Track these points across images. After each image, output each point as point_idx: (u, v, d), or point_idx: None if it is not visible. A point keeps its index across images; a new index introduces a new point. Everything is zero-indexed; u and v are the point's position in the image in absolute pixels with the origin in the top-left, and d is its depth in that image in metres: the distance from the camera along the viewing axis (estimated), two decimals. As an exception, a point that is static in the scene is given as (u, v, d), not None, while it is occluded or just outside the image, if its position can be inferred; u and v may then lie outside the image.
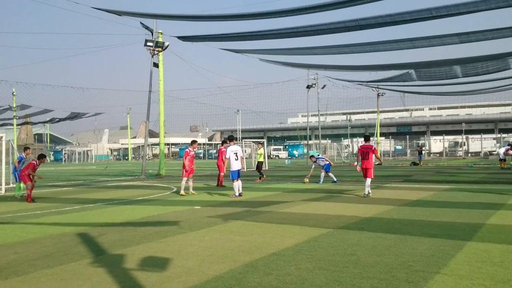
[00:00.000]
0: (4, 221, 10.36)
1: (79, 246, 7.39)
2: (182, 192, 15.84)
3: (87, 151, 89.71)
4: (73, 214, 11.37)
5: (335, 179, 20.27)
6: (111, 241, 7.67)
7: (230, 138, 15.89)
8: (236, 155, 14.76)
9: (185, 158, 16.06)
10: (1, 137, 18.43)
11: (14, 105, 53.43)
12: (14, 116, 54.74)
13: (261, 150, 24.68)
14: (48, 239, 7.94)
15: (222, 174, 18.94)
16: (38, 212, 11.74)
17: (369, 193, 14.16)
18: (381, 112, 69.55)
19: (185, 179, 16.10)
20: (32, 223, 9.95)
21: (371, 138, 15.02)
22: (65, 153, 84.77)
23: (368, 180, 14.16)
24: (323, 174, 20.51)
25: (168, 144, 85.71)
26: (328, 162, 20.99)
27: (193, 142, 16.73)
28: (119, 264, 6.13)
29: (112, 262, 6.23)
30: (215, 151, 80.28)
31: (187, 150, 16.38)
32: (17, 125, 65.04)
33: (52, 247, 7.31)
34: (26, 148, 17.81)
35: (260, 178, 22.47)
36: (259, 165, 23.84)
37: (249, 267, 5.82)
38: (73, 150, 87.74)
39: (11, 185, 19.51)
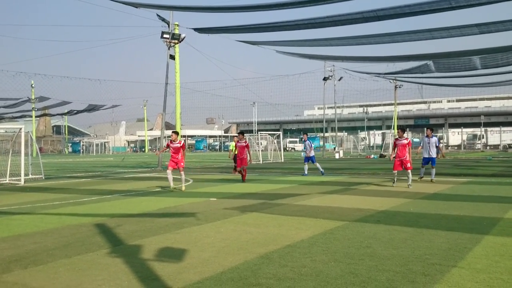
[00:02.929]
0: (24, 211, 10.54)
1: (97, 236, 7.49)
2: (172, 185, 14.93)
3: (104, 143, 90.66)
4: (90, 205, 11.52)
5: (321, 170, 20.50)
6: (128, 232, 7.76)
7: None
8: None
9: (163, 151, 15.87)
10: (20, 128, 18.71)
11: (33, 97, 54.14)
12: (32, 108, 55.50)
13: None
14: (66, 229, 8.06)
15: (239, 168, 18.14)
16: (57, 203, 11.91)
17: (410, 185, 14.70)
18: (398, 104, 68.90)
19: (168, 171, 15.08)
20: (51, 214, 10.11)
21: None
22: (83, 145, 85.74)
23: (410, 172, 14.91)
24: (307, 166, 20.86)
25: (184, 136, 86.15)
26: (313, 155, 20.81)
27: (173, 133, 15.28)
28: (136, 254, 6.20)
29: (129, 253, 6.30)
30: (231, 143, 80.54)
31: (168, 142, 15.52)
32: (36, 117, 65.98)
33: (70, 237, 7.42)
34: None
35: (235, 169, 21.26)
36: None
37: (265, 258, 5.83)
38: (90, 141, 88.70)
39: (30, 176, 19.84)
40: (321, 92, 50.48)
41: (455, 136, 70.81)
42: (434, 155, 16.76)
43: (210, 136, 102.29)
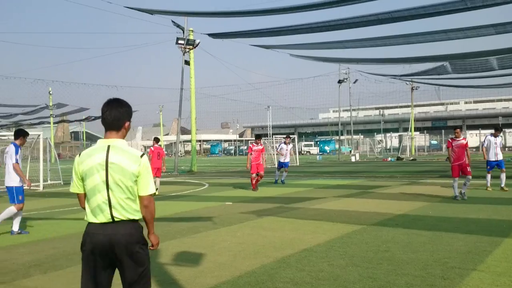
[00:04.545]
0: (43, 216, 10.68)
1: (115, 241, 7.55)
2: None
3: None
4: (108, 210, 11.61)
5: (283, 179, 18.55)
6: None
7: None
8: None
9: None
10: (39, 135, 18.98)
11: (51, 104, 54.87)
12: (50, 114, 56.21)
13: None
14: (85, 234, 8.14)
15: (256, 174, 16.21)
16: (75, 208, 12.04)
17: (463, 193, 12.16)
18: (415, 106, 68.32)
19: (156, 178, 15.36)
20: (70, 219, 10.23)
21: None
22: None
23: (470, 178, 12.30)
24: (278, 173, 18.78)
25: (199, 140, 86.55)
26: (288, 161, 18.91)
27: (155, 139, 16.50)
28: (153, 258, 6.23)
29: (146, 257, 6.34)
30: (246, 147, 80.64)
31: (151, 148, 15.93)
32: (54, 123, 66.84)
33: (88, 242, 7.49)
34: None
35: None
36: None
37: (281, 263, 5.82)
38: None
39: (49, 182, 20.09)
40: (336, 95, 50.40)
41: (473, 138, 69.86)
42: (501, 157, 14.48)
43: (225, 141, 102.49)
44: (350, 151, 58.72)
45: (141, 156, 3.22)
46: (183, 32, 27.56)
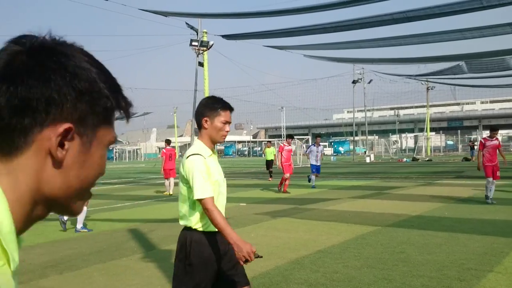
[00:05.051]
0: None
1: (130, 241, 7.61)
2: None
3: (136, 149, 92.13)
4: (124, 211, 11.72)
5: (313, 184, 17.01)
6: (160, 237, 7.85)
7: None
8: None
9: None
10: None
11: (67, 106, 55.69)
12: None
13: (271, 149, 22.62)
14: (101, 235, 8.22)
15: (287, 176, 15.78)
16: (91, 209, 12.14)
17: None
18: (431, 106, 67.69)
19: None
20: (85, 220, 10.32)
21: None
22: (115, 152, 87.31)
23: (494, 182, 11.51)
24: (313, 177, 17.25)
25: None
26: (319, 164, 17.45)
27: (166, 141, 17.70)
28: (168, 259, 6.26)
29: (161, 257, 6.38)
30: (259, 148, 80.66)
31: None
32: (70, 125, 67.72)
33: (104, 242, 7.56)
34: None
35: (271, 177, 21.06)
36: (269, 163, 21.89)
37: (296, 264, 5.81)
38: (123, 148, 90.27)
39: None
40: (351, 95, 49.97)
41: (490, 138, 68.97)
42: None
43: (239, 142, 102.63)
44: (365, 152, 58.38)
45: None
46: (197, 34, 27.66)
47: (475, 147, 42.48)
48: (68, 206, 0.83)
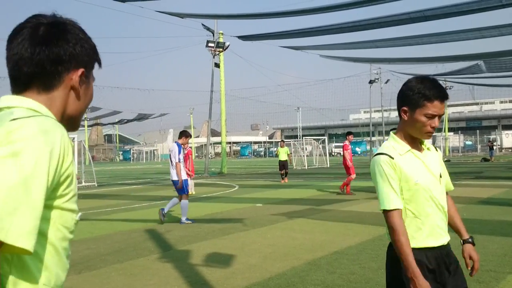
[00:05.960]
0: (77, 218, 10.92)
1: (147, 242, 7.67)
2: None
3: (153, 150, 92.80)
4: (141, 211, 11.82)
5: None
6: (177, 237, 7.90)
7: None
8: None
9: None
10: (73, 138, 19.46)
11: (85, 108, 56.26)
12: (85, 118, 57.60)
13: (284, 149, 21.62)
14: (118, 235, 8.31)
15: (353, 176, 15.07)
16: (109, 209, 12.29)
17: None
18: (449, 106, 66.94)
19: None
20: (103, 220, 10.44)
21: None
22: (133, 153, 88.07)
23: None
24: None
25: (229, 142, 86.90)
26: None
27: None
28: (185, 259, 6.31)
29: (178, 258, 6.42)
30: (275, 149, 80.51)
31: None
32: (88, 126, 68.51)
33: (122, 242, 7.64)
34: None
35: (283, 179, 20.44)
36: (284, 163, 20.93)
37: (312, 265, 5.79)
38: (140, 149, 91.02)
39: (83, 184, 20.56)
40: (367, 95, 49.67)
41: (509, 138, 67.86)
42: None
43: (255, 142, 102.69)
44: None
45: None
46: (213, 35, 27.80)
47: (494, 147, 41.87)
48: (78, 122, 1.35)
